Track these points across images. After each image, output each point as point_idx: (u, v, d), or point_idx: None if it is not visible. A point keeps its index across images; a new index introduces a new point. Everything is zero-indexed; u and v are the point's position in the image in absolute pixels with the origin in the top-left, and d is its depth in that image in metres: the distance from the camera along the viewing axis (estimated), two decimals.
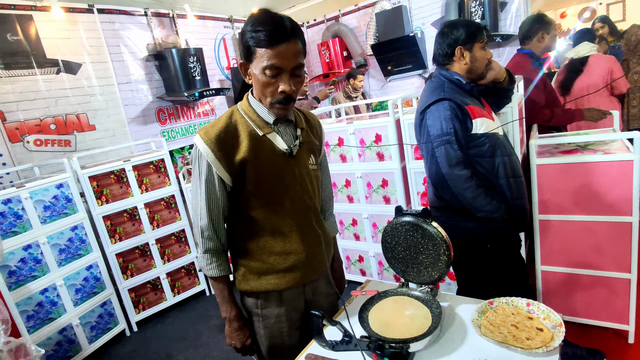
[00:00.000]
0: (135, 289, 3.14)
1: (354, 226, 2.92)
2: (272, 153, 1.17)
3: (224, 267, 1.22)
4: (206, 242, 1.20)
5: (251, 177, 1.15)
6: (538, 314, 1.12)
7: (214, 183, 1.15)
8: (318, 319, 0.85)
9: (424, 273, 1.23)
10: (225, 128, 1.14)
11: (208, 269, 1.21)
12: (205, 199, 1.16)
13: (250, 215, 1.20)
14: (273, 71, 1.05)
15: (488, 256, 1.67)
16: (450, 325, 1.16)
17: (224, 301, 1.22)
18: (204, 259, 1.21)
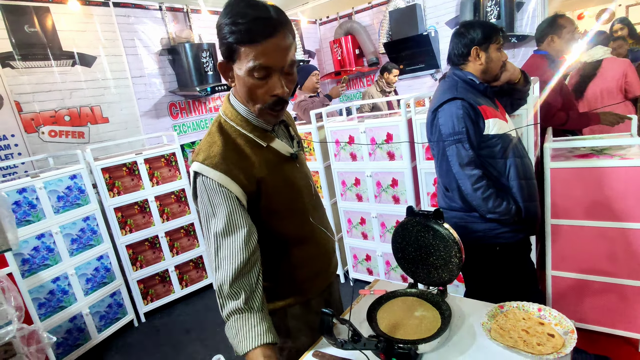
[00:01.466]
0: (144, 280, 3.18)
1: (362, 225, 2.91)
2: (280, 161, 1.07)
3: (264, 329, 0.87)
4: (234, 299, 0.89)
5: (268, 193, 1.03)
6: (549, 319, 1.10)
7: (237, 214, 0.93)
8: (328, 317, 0.85)
9: (434, 274, 1.22)
10: (224, 145, 0.97)
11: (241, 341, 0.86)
12: (233, 242, 0.91)
13: (271, 231, 1.06)
14: (261, 72, 0.89)
15: (497, 259, 1.66)
16: (460, 328, 1.15)
17: None
18: (228, 330, 0.89)
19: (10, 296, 1.45)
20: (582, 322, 2.08)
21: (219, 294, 0.90)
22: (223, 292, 0.89)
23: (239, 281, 0.90)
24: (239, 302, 0.88)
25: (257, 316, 0.88)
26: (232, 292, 0.89)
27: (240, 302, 0.88)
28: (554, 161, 1.97)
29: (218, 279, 0.90)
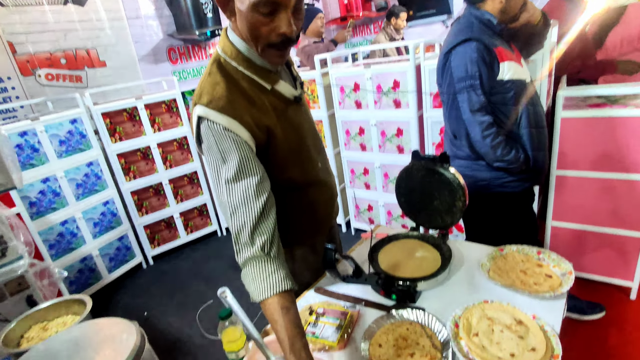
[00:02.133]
0: (150, 226, 3.26)
1: (365, 175, 2.91)
2: (285, 106, 1.01)
3: (280, 277, 0.82)
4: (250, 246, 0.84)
5: (277, 142, 0.98)
6: (548, 262, 1.12)
7: (249, 159, 0.87)
8: (331, 252, 0.86)
9: (437, 218, 1.23)
10: (228, 87, 0.90)
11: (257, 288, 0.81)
12: (247, 188, 0.85)
13: (277, 177, 0.99)
14: (267, 7, 0.80)
15: (500, 208, 1.66)
16: (459, 269, 1.18)
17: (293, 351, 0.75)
18: (245, 277, 0.85)
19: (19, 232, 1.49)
20: (577, 271, 2.12)
21: (235, 240, 0.86)
22: (240, 239, 0.85)
23: (255, 228, 0.84)
24: (255, 248, 0.83)
25: (274, 263, 0.83)
26: (248, 239, 0.84)
27: (256, 248, 0.83)
28: (565, 110, 1.91)
29: (233, 226, 0.85)
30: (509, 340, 0.87)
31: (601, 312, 1.94)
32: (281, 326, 0.75)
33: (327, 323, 1.04)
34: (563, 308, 0.96)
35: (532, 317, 0.91)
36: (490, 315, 0.94)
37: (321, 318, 1.06)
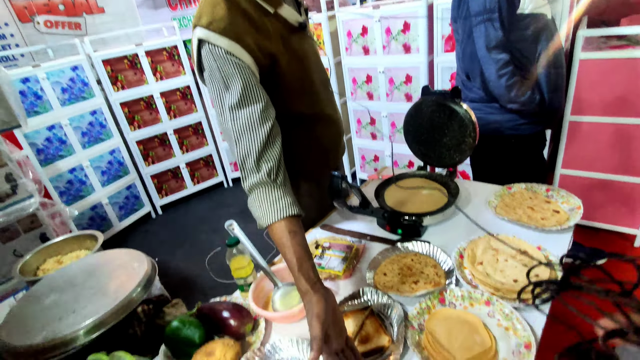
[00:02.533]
0: (157, 175, 3.29)
1: (372, 125, 2.86)
2: (289, 32, 0.96)
3: (287, 203, 0.80)
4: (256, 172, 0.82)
5: (280, 69, 0.94)
6: (557, 198, 1.11)
7: (253, 85, 0.84)
8: (337, 179, 0.85)
9: (445, 155, 1.20)
10: (229, 7, 0.85)
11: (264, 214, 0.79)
12: (251, 115, 0.82)
13: (280, 110, 0.94)
14: None
15: (511, 152, 1.63)
16: (466, 206, 1.18)
17: (301, 270, 0.73)
18: (252, 203, 0.83)
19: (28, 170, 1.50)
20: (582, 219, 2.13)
21: (241, 167, 0.84)
22: (245, 166, 0.83)
23: (260, 155, 0.82)
24: (261, 175, 0.81)
25: (280, 189, 0.82)
26: (254, 166, 0.82)
27: (262, 174, 0.81)
28: (584, 52, 1.81)
29: (239, 154, 0.83)
30: (512, 267, 0.88)
31: (604, 258, 1.96)
32: (289, 248, 0.75)
33: (333, 255, 1.06)
34: (569, 241, 0.97)
35: (537, 248, 0.92)
36: (495, 246, 0.95)
37: (327, 251, 1.08)
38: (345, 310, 0.87)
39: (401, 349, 0.75)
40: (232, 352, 0.79)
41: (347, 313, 0.85)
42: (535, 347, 0.70)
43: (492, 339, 0.74)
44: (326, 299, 0.69)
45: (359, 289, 0.91)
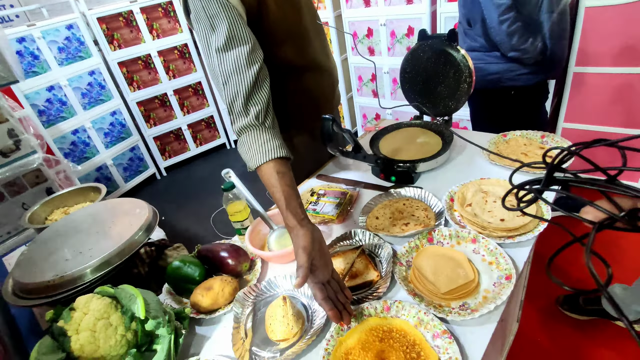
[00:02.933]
0: (160, 137, 3.30)
1: (372, 82, 2.81)
2: None
3: (275, 145, 0.81)
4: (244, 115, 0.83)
5: (268, 12, 0.92)
6: (551, 144, 1.11)
7: (239, 26, 0.82)
8: (328, 122, 0.85)
9: (440, 104, 1.20)
10: None
11: (253, 156, 0.80)
12: (238, 57, 0.82)
13: (270, 57, 0.92)
14: None
15: (511, 104, 1.61)
16: (460, 153, 1.18)
17: (289, 208, 0.75)
18: (241, 146, 0.84)
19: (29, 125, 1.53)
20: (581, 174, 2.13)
21: (230, 110, 0.84)
22: (234, 109, 0.83)
23: (248, 97, 0.82)
24: (249, 117, 0.82)
25: (269, 132, 0.83)
26: (242, 109, 0.82)
27: (251, 117, 0.82)
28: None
29: (226, 96, 0.83)
30: (500, 208, 0.90)
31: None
32: (277, 188, 0.77)
33: (327, 202, 1.08)
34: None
35: None
36: (485, 189, 0.97)
37: (322, 198, 1.10)
38: (338, 250, 0.91)
39: (388, 282, 0.79)
40: (230, 287, 0.84)
41: (339, 252, 0.89)
42: (515, 278, 0.74)
43: (476, 273, 0.78)
44: (312, 232, 0.72)
45: (350, 230, 0.94)
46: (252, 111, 0.82)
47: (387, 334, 0.70)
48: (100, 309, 0.72)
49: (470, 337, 0.68)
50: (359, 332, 0.72)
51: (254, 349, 0.73)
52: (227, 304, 0.83)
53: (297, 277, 0.67)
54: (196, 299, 0.82)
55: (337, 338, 0.71)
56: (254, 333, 0.77)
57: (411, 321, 0.72)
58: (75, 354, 0.68)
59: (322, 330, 0.73)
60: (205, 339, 0.79)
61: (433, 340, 0.68)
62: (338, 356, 0.68)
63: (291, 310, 0.74)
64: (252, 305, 0.82)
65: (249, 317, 0.80)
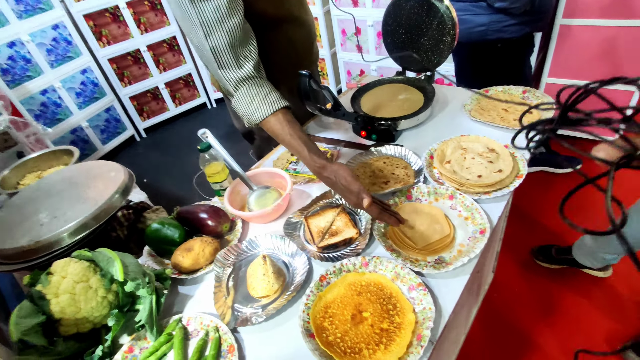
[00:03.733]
0: (136, 97, 3.16)
1: (357, 35, 2.70)
2: None
3: (278, 96, 0.81)
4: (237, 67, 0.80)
5: None
6: (532, 99, 1.11)
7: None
8: (305, 78, 0.82)
9: (424, 58, 1.16)
10: None
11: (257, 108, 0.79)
12: (217, 6, 0.76)
13: (256, 11, 0.91)
14: None
15: (496, 58, 1.58)
16: (442, 110, 1.17)
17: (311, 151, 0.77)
18: (240, 100, 0.82)
19: None
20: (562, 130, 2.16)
21: (219, 62, 0.80)
22: (222, 60, 0.79)
23: (239, 48, 0.80)
24: (246, 70, 0.80)
25: (268, 84, 0.82)
26: (234, 61, 0.80)
27: (248, 70, 0.80)
28: None
29: (213, 47, 0.79)
30: (478, 165, 0.90)
31: (578, 165, 2.03)
32: (292, 135, 0.78)
33: None
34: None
35: (504, 146, 0.94)
36: (464, 146, 0.97)
37: None
38: (318, 209, 0.91)
39: (367, 239, 0.81)
40: (211, 247, 0.84)
41: (319, 211, 0.90)
42: (488, 233, 0.76)
43: (451, 228, 0.80)
44: (344, 165, 0.77)
45: (330, 189, 0.94)
46: (247, 64, 0.81)
47: (364, 287, 0.72)
48: (79, 272, 0.72)
49: (444, 289, 0.70)
50: (338, 287, 0.74)
51: (236, 306, 0.75)
52: (208, 264, 0.83)
53: (363, 198, 0.72)
54: (177, 260, 0.82)
55: (317, 293, 0.73)
56: (236, 291, 0.78)
57: (388, 275, 0.74)
58: (56, 316, 0.68)
59: (302, 286, 0.75)
60: (188, 298, 0.80)
61: (409, 293, 0.70)
62: (318, 310, 0.70)
63: (272, 268, 0.75)
64: (233, 264, 0.83)
65: (230, 276, 0.81)
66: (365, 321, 0.67)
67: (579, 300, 1.50)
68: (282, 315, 0.72)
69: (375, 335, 0.65)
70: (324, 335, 0.66)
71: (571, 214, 1.84)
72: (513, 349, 1.39)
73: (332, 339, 0.66)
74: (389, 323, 0.66)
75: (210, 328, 0.71)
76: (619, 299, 1.47)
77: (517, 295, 1.55)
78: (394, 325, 0.66)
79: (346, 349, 0.64)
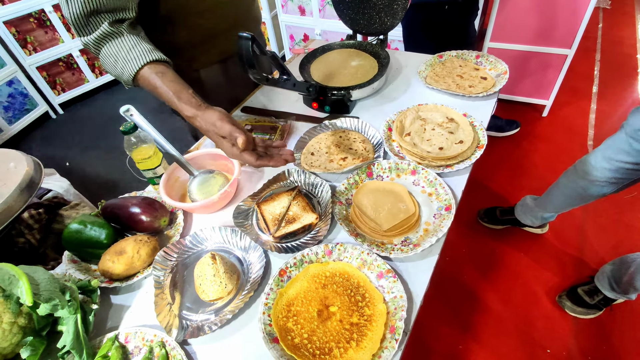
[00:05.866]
0: (45, 67, 2.71)
1: None
2: None
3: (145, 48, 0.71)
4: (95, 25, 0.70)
5: None
6: (485, 65, 1.08)
7: None
8: (247, 42, 0.69)
9: (376, 20, 1.07)
10: None
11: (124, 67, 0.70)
12: None
13: None
14: None
15: (443, 19, 1.54)
16: (396, 78, 1.10)
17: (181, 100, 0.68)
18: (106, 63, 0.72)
19: None
20: (501, 94, 2.23)
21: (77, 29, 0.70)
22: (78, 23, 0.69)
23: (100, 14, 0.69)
24: (104, 27, 0.69)
25: (133, 37, 0.71)
26: (96, 24, 0.69)
27: (105, 26, 0.69)
28: None
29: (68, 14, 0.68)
30: (439, 136, 0.86)
31: (517, 128, 2.12)
32: (160, 87, 0.68)
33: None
34: (493, 106, 0.96)
35: (463, 115, 0.90)
36: (423, 116, 0.91)
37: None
38: (272, 193, 0.82)
39: (329, 224, 0.73)
40: (147, 248, 0.72)
41: (273, 195, 0.80)
42: (454, 209, 0.72)
43: (416, 206, 0.75)
44: (219, 110, 0.66)
45: (284, 171, 0.85)
46: (106, 20, 0.69)
47: (329, 279, 0.66)
48: None
49: (413, 271, 0.66)
50: (300, 280, 0.66)
51: (184, 313, 0.65)
52: (146, 267, 0.71)
53: (239, 138, 0.62)
54: (106, 266, 0.69)
55: (277, 290, 0.65)
56: (182, 295, 0.68)
57: (354, 263, 0.68)
58: None
59: (260, 283, 0.67)
60: (124, 309, 0.68)
61: (377, 281, 0.65)
62: (279, 309, 0.63)
63: (222, 268, 0.65)
64: (176, 265, 0.72)
65: (175, 278, 0.70)
66: (333, 316, 0.61)
67: (521, 256, 1.59)
68: (240, 319, 0.64)
69: (345, 332, 0.59)
70: (289, 338, 0.59)
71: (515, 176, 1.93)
72: (463, 306, 1.45)
73: (298, 340, 0.59)
74: (358, 316, 0.61)
75: (154, 344, 0.60)
76: (555, 253, 1.59)
77: (465, 256, 1.62)
78: (364, 318, 0.60)
79: (315, 350, 0.58)
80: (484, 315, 1.42)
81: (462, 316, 1.43)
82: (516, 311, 1.43)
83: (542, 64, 2.04)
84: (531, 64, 2.06)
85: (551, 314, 1.41)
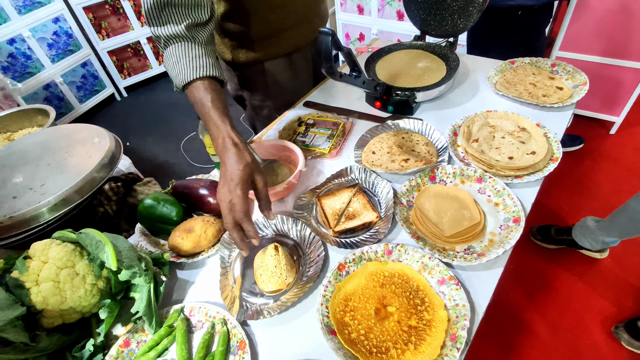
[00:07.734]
0: (115, 52, 2.91)
1: None
2: None
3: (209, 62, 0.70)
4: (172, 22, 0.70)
5: None
6: (562, 74, 1.02)
7: None
8: (327, 37, 0.70)
9: (448, 21, 1.04)
10: None
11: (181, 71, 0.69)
12: None
13: None
14: None
15: (514, 26, 1.48)
16: (463, 82, 1.07)
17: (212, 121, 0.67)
18: (167, 60, 0.72)
19: None
20: None
21: (147, 17, 0.70)
22: (152, 13, 0.69)
23: (172, 8, 0.69)
24: (179, 27, 0.70)
25: (202, 48, 0.71)
26: (170, 17, 0.70)
27: (181, 27, 0.70)
28: None
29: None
30: (509, 145, 0.83)
31: (581, 144, 1.99)
32: (208, 101, 0.66)
33: (317, 133, 0.97)
34: (569, 119, 0.91)
35: (536, 125, 0.86)
36: (492, 123, 0.89)
37: (311, 129, 0.99)
38: (332, 188, 0.83)
39: (389, 224, 0.73)
40: (213, 229, 0.75)
41: (333, 191, 0.81)
42: (523, 221, 0.69)
43: (482, 214, 0.73)
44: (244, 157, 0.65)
45: (346, 167, 0.86)
46: (184, 22, 0.70)
47: (388, 279, 0.66)
48: (62, 256, 0.62)
49: (476, 281, 0.65)
50: (358, 277, 0.67)
51: (244, 295, 0.68)
52: (211, 246, 0.75)
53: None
54: (175, 242, 0.73)
55: (335, 284, 0.66)
56: (244, 278, 0.70)
57: (414, 266, 0.67)
58: (37, 307, 0.59)
59: (319, 275, 0.68)
60: (188, 284, 0.72)
61: (438, 287, 0.64)
62: (337, 302, 0.63)
63: (284, 260, 0.67)
64: None
65: (236, 261, 0.73)
66: (390, 317, 0.61)
67: (574, 280, 1.50)
68: (297, 307, 0.65)
69: (403, 334, 0.59)
70: (346, 332, 0.60)
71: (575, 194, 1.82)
72: (506, 325, 1.39)
73: (355, 336, 0.59)
74: (417, 320, 0.60)
75: (216, 320, 0.63)
76: (614, 281, 1.48)
77: (513, 273, 1.55)
78: (424, 322, 0.60)
79: (371, 347, 0.58)
80: (529, 337, 1.36)
81: (505, 336, 1.37)
82: (565, 337, 1.35)
83: (614, 78, 1.90)
84: (603, 78, 1.93)
85: (604, 345, 1.32)
